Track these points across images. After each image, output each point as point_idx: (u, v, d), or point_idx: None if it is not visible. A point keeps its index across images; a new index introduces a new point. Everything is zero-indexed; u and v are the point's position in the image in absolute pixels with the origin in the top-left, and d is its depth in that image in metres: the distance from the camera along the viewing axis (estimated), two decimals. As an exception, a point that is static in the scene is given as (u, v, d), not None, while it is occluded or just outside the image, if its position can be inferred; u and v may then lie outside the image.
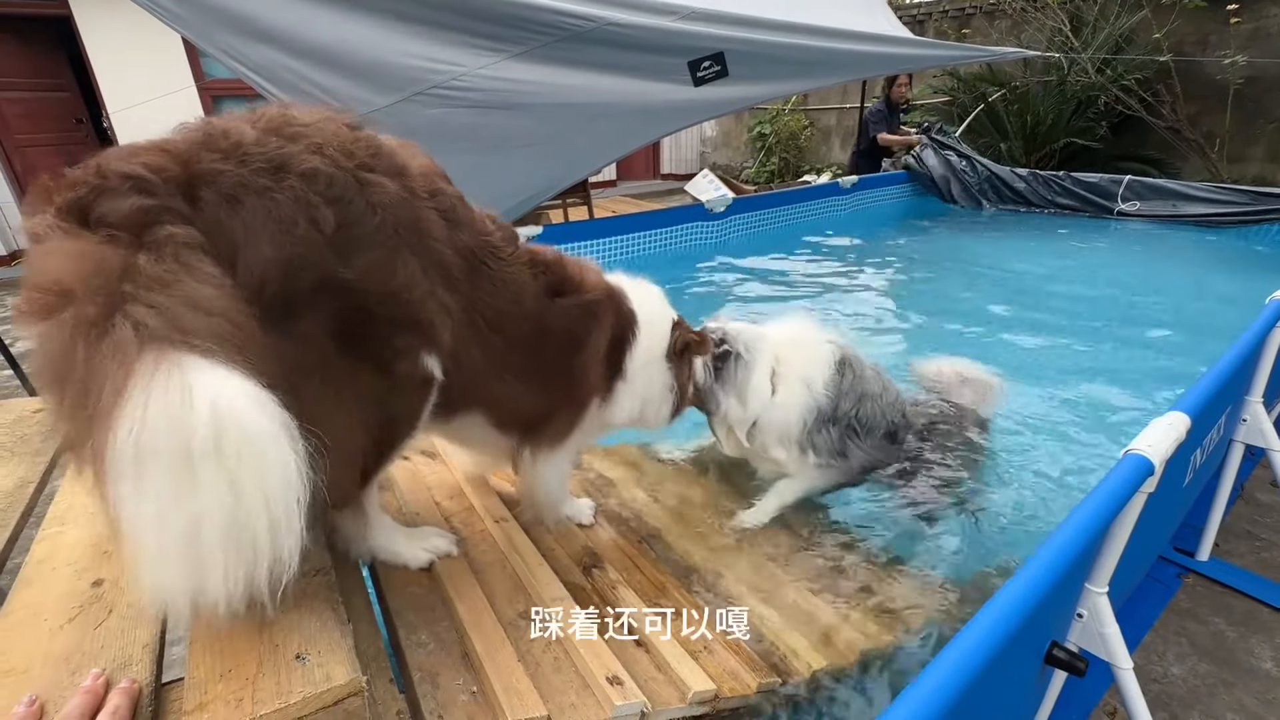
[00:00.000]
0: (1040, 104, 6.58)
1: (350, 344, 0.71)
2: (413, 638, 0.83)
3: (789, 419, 1.56)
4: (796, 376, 1.58)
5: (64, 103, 7.32)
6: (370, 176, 0.74)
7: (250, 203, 0.63)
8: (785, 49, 3.34)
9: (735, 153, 10.96)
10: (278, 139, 0.68)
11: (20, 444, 0.95)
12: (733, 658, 0.98)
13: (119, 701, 0.54)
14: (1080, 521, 0.95)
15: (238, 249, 0.62)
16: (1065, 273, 3.98)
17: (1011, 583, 0.85)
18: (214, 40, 2.47)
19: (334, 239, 0.69)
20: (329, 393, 0.71)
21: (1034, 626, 0.96)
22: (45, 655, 0.59)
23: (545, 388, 1.01)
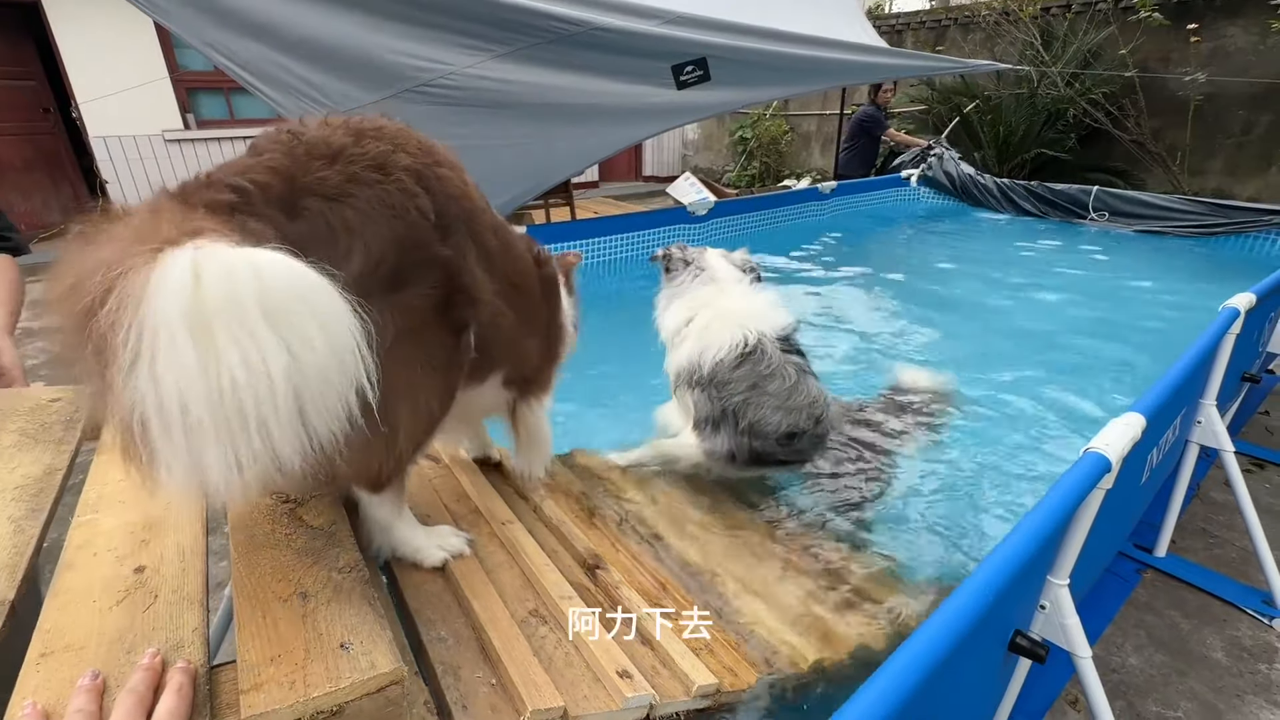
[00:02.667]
0: (1012, 115, 6.77)
1: (440, 313, 0.82)
2: (432, 633, 0.85)
3: (678, 358, 1.71)
4: (699, 333, 1.68)
5: (31, 91, 7.11)
6: (441, 170, 0.84)
7: (363, 194, 0.72)
8: (766, 56, 3.40)
9: (717, 156, 11.05)
10: (371, 140, 0.76)
11: (43, 432, 0.95)
12: (732, 654, 1.01)
13: (181, 679, 0.55)
14: (1041, 516, 1.00)
15: (354, 233, 0.70)
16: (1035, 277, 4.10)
17: (975, 573, 0.89)
18: (201, 35, 2.44)
19: (434, 223, 0.79)
20: (419, 356, 0.81)
21: (997, 616, 1.01)
22: (99, 635, 0.60)
23: (545, 341, 1.19)
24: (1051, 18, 6.90)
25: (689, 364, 1.66)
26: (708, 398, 1.65)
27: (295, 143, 0.74)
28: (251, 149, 0.76)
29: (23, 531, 0.75)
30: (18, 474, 0.85)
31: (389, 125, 0.84)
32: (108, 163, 7.06)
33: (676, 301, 1.76)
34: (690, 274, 1.78)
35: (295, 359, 0.51)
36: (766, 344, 1.65)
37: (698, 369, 1.65)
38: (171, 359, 0.47)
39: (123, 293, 0.48)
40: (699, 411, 1.66)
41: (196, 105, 7.54)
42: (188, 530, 0.77)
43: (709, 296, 1.73)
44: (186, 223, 0.56)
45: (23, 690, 0.54)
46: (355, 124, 0.80)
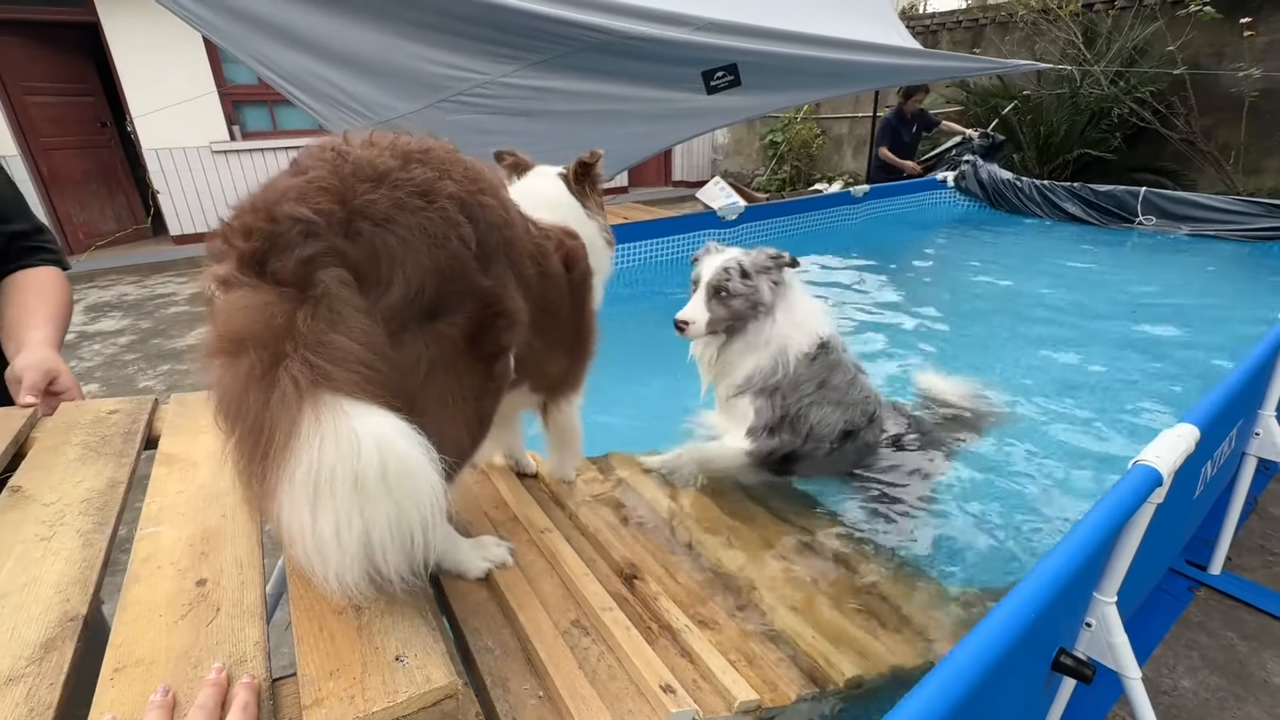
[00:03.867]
0: (1053, 115, 6.59)
1: (473, 343, 0.82)
2: (479, 643, 0.86)
3: (749, 366, 1.65)
4: (780, 339, 1.64)
5: (89, 107, 7.49)
6: (484, 199, 0.83)
7: (405, 221, 0.72)
8: (797, 60, 3.38)
9: (747, 160, 11.00)
10: (417, 166, 0.76)
11: (104, 444, 0.98)
12: (772, 668, 1.00)
13: (246, 697, 0.56)
14: (1087, 531, 0.97)
15: (395, 261, 0.71)
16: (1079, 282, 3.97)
17: (1017, 590, 0.87)
18: (248, 49, 2.53)
19: (476, 252, 0.79)
20: (452, 386, 0.81)
21: (1040, 633, 0.98)
22: (166, 649, 0.62)
23: (577, 347, 1.20)
24: (1094, 14, 6.70)
25: (765, 370, 1.64)
26: (772, 404, 1.63)
27: (341, 162, 0.73)
28: (295, 166, 0.76)
29: (91, 545, 0.77)
30: (83, 487, 0.88)
31: (436, 148, 0.82)
32: (159, 173, 7.38)
33: (779, 307, 1.69)
34: (786, 279, 1.72)
35: (400, 510, 0.65)
36: (835, 340, 1.68)
37: (774, 374, 1.63)
38: (328, 503, 0.62)
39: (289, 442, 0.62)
40: (759, 418, 1.64)
41: (242, 118, 7.83)
42: (244, 543, 0.79)
43: (799, 302, 1.70)
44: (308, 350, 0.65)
45: (100, 705, 0.56)
46: (402, 146, 0.79)
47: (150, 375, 4.37)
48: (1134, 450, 1.14)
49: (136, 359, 4.64)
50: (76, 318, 5.60)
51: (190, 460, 0.96)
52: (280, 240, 0.67)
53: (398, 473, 0.64)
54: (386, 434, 0.64)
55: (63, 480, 0.90)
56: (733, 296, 1.64)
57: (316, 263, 0.67)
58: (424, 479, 0.66)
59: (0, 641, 0.63)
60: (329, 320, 0.66)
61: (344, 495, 0.62)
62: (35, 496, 0.86)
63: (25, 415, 1.05)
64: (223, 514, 0.83)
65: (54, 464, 0.94)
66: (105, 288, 6.29)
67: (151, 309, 5.76)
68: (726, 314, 1.66)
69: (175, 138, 7.29)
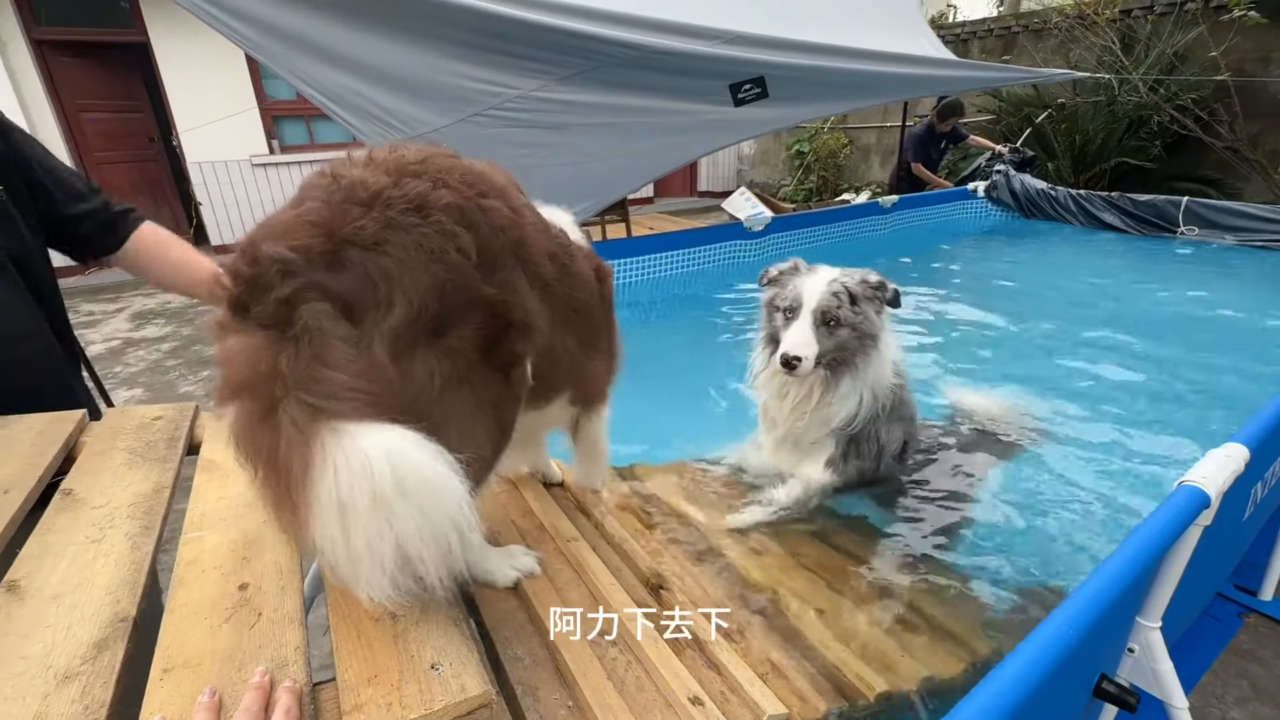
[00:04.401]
0: (1089, 123, 6.44)
1: (486, 353, 0.80)
2: (509, 652, 0.86)
3: (848, 408, 1.51)
4: (872, 386, 1.52)
5: (139, 123, 7.82)
6: (486, 202, 0.81)
7: (400, 240, 0.70)
8: (825, 72, 3.38)
9: (773, 170, 10.97)
10: (410, 179, 0.75)
11: (148, 450, 1.01)
12: (800, 680, 0.99)
13: (289, 701, 0.57)
14: (1130, 553, 0.94)
15: (394, 282, 0.70)
16: (1119, 294, 3.86)
17: (1058, 613, 0.84)
18: (290, 66, 2.63)
19: (477, 262, 0.77)
20: (469, 398, 0.80)
21: (1081, 658, 0.95)
22: (212, 652, 0.63)
23: (606, 354, 1.18)
24: (1133, 20, 6.54)
25: (869, 407, 1.51)
26: (850, 436, 1.55)
27: (334, 187, 0.73)
28: (296, 197, 0.77)
29: (139, 548, 0.80)
30: (130, 491, 0.91)
31: (435, 157, 0.81)
32: (201, 186, 7.66)
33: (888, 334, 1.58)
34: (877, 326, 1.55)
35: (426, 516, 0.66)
36: (902, 366, 1.60)
37: (872, 410, 1.52)
38: (355, 523, 0.64)
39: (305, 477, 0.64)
40: (837, 448, 1.57)
41: (281, 132, 8.09)
42: (284, 549, 0.81)
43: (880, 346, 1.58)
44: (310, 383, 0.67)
45: (150, 705, 0.58)
46: (397, 162, 0.78)
47: (191, 381, 4.51)
48: (1179, 470, 1.11)
49: (178, 365, 4.80)
50: (120, 324, 5.82)
51: (230, 467, 0.99)
52: (259, 282, 0.67)
53: (415, 480, 0.65)
54: (396, 446, 0.65)
55: (111, 484, 0.93)
56: (841, 326, 1.45)
57: (295, 300, 0.67)
58: (443, 483, 0.66)
59: (57, 640, 0.65)
60: (312, 356, 0.67)
61: (367, 512, 0.64)
62: (86, 500, 0.89)
63: (76, 420, 1.10)
64: (263, 520, 0.86)
65: (102, 468, 0.97)
66: (149, 296, 6.53)
67: (193, 316, 5.96)
68: (831, 346, 1.46)
69: (217, 151, 7.57)
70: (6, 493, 0.88)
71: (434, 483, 0.66)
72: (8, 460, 0.96)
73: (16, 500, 0.87)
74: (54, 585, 0.73)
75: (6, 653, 0.63)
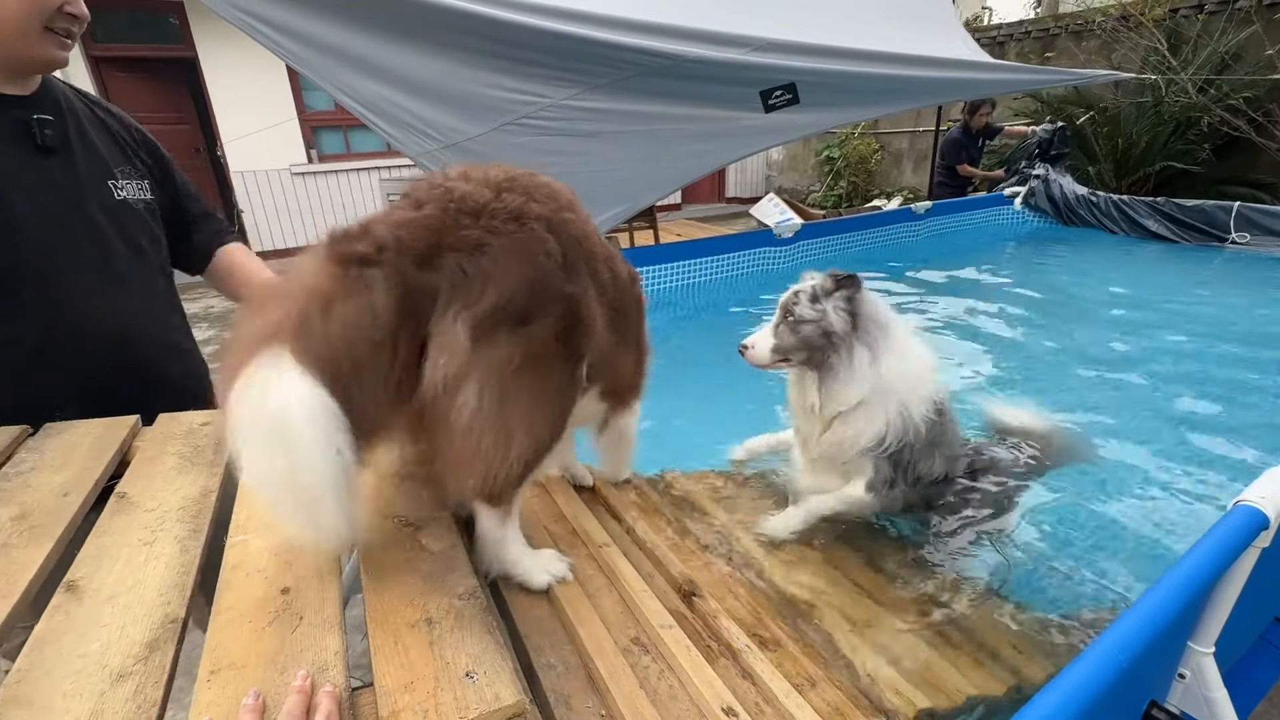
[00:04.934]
0: (1133, 126, 6.24)
1: (559, 344, 0.90)
2: (541, 660, 0.87)
3: (875, 427, 1.48)
4: (899, 408, 1.49)
5: (186, 134, 8.13)
6: (566, 215, 0.94)
7: (500, 243, 0.84)
8: (858, 77, 3.34)
9: (801, 176, 10.89)
10: (507, 194, 0.88)
11: (196, 454, 1.05)
12: (837, 694, 0.96)
13: (329, 706, 0.59)
14: (1182, 575, 0.90)
15: (489, 278, 0.82)
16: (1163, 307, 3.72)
17: (1108, 633, 0.81)
18: (330, 78, 2.71)
19: (561, 263, 0.89)
20: (539, 382, 0.89)
21: (1130, 683, 0.91)
22: (256, 655, 0.66)
23: (638, 351, 1.26)
24: (1181, 19, 6.33)
25: (897, 431, 1.49)
26: (891, 461, 1.52)
27: (449, 198, 0.84)
28: (411, 199, 0.87)
29: (187, 551, 0.82)
30: (179, 495, 0.94)
31: (520, 176, 0.93)
32: (244, 194, 7.92)
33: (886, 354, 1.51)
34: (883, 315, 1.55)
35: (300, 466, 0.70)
36: (945, 400, 1.57)
37: (904, 436, 1.49)
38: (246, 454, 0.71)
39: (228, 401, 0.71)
40: (879, 474, 1.53)
41: (319, 142, 8.33)
42: (324, 552, 0.82)
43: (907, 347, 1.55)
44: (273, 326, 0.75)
45: (199, 706, 0.60)
46: (494, 178, 0.90)
47: (231, 383, 4.65)
48: (1235, 489, 1.06)
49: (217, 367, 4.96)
50: (168, 328, 6.04)
51: None
52: (352, 237, 0.79)
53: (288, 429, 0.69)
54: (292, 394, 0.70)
55: (162, 488, 0.96)
56: (801, 322, 1.52)
57: (366, 261, 0.77)
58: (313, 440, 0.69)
59: (111, 640, 0.67)
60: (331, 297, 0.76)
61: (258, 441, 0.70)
62: (139, 503, 0.92)
63: (129, 425, 1.14)
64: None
65: (154, 473, 1.00)
66: (193, 300, 6.77)
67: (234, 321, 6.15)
68: (795, 341, 1.53)
69: (259, 161, 7.82)
70: (66, 495, 0.92)
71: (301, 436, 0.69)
72: (67, 465, 1.00)
73: (75, 503, 0.90)
74: (110, 586, 0.76)
75: (66, 650, 0.65)
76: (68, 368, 1.20)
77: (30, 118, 1.15)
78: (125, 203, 1.29)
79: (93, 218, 1.22)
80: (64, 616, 0.70)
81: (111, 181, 1.27)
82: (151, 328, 1.35)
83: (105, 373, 1.25)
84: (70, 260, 1.19)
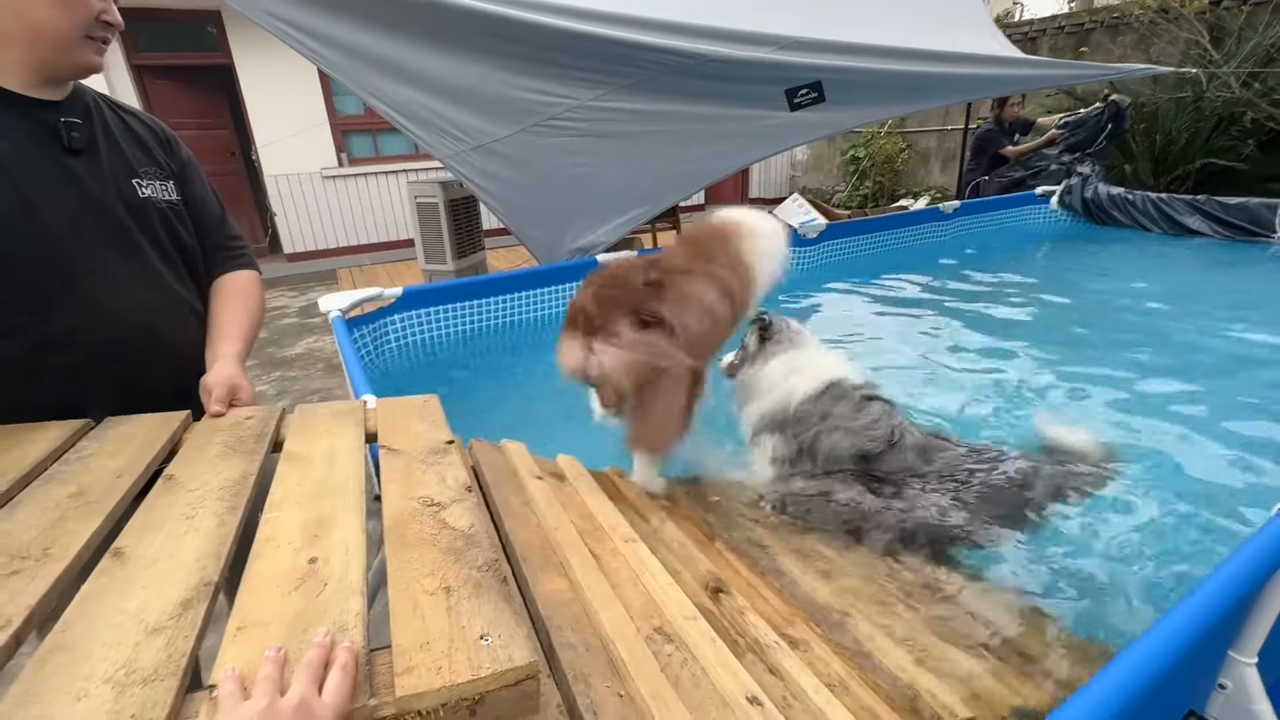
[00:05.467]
0: (1172, 122, 6.05)
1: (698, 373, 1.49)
2: (561, 639, 0.88)
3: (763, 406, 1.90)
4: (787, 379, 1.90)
5: (222, 139, 8.37)
6: (712, 268, 1.57)
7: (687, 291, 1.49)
8: (885, 75, 3.30)
9: (826, 176, 10.78)
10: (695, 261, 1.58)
11: (239, 444, 1.11)
12: (870, 695, 0.94)
13: (346, 658, 0.62)
14: (1224, 581, 0.88)
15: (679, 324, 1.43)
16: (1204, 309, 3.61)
17: (1143, 639, 0.80)
18: (362, 82, 2.78)
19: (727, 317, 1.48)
20: (687, 395, 1.50)
21: (1166, 690, 0.89)
22: (280, 615, 0.70)
23: None
24: (1223, 11, 6.13)
25: (776, 409, 1.87)
26: (785, 439, 1.83)
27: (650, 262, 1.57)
28: (651, 260, 1.60)
29: (225, 525, 0.88)
30: (221, 477, 1.00)
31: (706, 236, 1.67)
32: (276, 197, 8.12)
33: (775, 359, 2.00)
34: (787, 337, 2.08)
35: None
36: (845, 381, 1.87)
37: (782, 411, 1.85)
38: None
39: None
40: (776, 451, 1.84)
41: (349, 145, 8.50)
42: (350, 530, 0.86)
43: (801, 355, 1.99)
44: None
45: (224, 658, 0.64)
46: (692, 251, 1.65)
47: (264, 381, 4.78)
48: (1279, 494, 1.03)
49: (254, 365, 5.09)
50: (204, 327, 6.22)
51: (309, 458, 1.07)
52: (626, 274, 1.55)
53: None
54: None
55: (205, 471, 1.02)
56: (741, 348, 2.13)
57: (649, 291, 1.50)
58: None
59: (150, 599, 0.72)
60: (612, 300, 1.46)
61: None
62: (184, 484, 0.98)
63: (181, 419, 1.20)
64: (333, 504, 0.92)
65: (200, 459, 1.06)
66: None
67: (267, 320, 6.30)
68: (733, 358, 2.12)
69: (291, 165, 8.02)
70: (119, 477, 0.98)
71: None
72: (122, 452, 1.06)
73: (126, 484, 0.97)
74: (152, 553, 0.81)
75: (108, 607, 0.70)
76: (97, 365, 1.22)
77: (58, 120, 1.17)
78: (149, 201, 1.30)
79: (117, 215, 1.24)
80: (108, 578, 0.75)
81: (135, 180, 1.28)
82: (179, 327, 1.36)
83: (135, 370, 1.27)
84: (97, 258, 1.21)
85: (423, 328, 3.03)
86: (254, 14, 2.56)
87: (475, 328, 3.17)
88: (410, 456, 1.06)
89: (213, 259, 1.48)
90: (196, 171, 1.49)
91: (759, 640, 0.95)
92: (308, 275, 7.87)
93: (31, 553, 0.79)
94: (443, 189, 4.99)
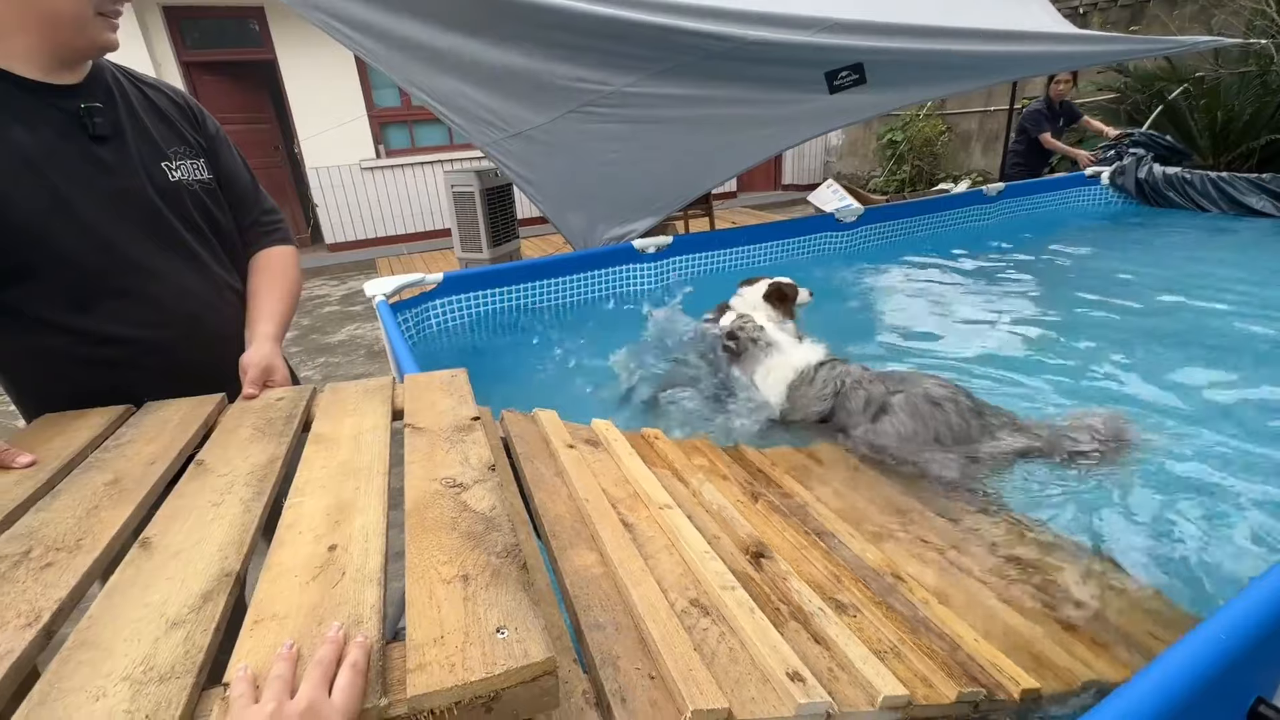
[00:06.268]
0: (1234, 98, 5.74)
1: None
2: (590, 619, 0.84)
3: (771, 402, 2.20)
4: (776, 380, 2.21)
5: (266, 133, 8.60)
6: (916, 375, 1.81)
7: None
8: (929, 55, 3.20)
9: (862, 161, 10.55)
10: None
11: (268, 426, 1.11)
12: (925, 662, 0.89)
13: (358, 655, 0.61)
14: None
15: None
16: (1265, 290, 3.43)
17: (1209, 621, 0.78)
18: (405, 74, 2.83)
19: None
20: None
21: (1233, 677, 0.87)
22: (298, 606, 0.68)
23: None
24: (1293, -21, 5.77)
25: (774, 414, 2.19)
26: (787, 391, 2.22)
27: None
28: None
29: (249, 511, 0.87)
30: (249, 461, 0.99)
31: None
32: (317, 189, 8.33)
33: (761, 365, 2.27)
34: (761, 347, 2.33)
35: None
36: (811, 368, 2.21)
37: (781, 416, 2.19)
38: None
39: None
40: None
41: (387, 137, 8.65)
42: (372, 515, 0.84)
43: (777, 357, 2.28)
44: None
45: (239, 654, 0.63)
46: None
47: (309, 366, 4.94)
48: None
49: (298, 352, 5.26)
50: (251, 316, 6.44)
51: (335, 440, 1.04)
52: None
53: None
54: None
55: (234, 456, 1.01)
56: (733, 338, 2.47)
57: None
58: None
59: (171, 590, 0.72)
60: None
61: None
62: (213, 469, 0.97)
63: (216, 402, 1.20)
64: (356, 487, 0.90)
65: (230, 442, 1.05)
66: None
67: (310, 308, 6.50)
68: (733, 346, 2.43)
69: (332, 157, 8.20)
70: (152, 464, 0.99)
71: None
72: (157, 437, 1.07)
73: (159, 470, 0.97)
74: (177, 543, 0.80)
75: (132, 600, 0.70)
76: (146, 356, 1.23)
77: (79, 106, 1.14)
78: (180, 184, 1.27)
79: (151, 203, 1.22)
80: (134, 569, 0.75)
81: (165, 163, 1.25)
82: (220, 309, 1.35)
83: (183, 355, 1.27)
84: (135, 249, 1.20)
85: (463, 311, 3.09)
86: (300, 7, 2.62)
87: (514, 311, 3.23)
88: (434, 435, 1.04)
89: (249, 235, 1.46)
90: (225, 144, 1.45)
91: (803, 607, 0.90)
92: (347, 265, 8.07)
93: (66, 543, 0.79)
94: (478, 178, 5.05)
